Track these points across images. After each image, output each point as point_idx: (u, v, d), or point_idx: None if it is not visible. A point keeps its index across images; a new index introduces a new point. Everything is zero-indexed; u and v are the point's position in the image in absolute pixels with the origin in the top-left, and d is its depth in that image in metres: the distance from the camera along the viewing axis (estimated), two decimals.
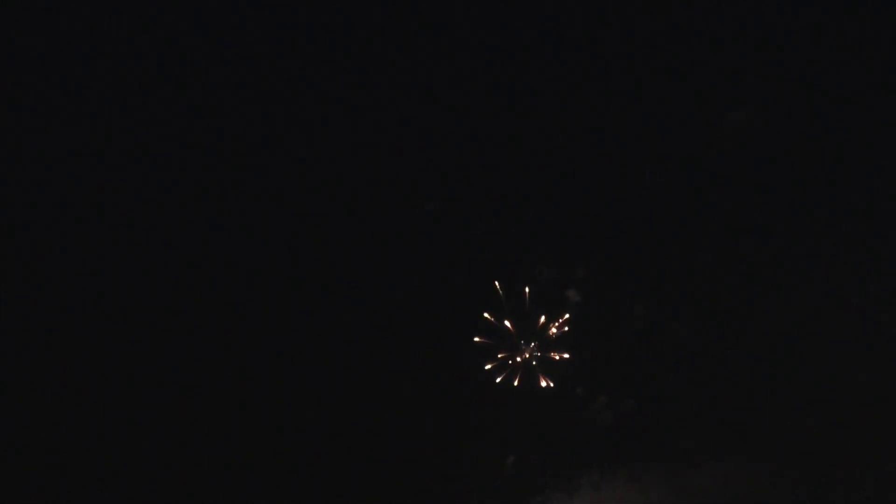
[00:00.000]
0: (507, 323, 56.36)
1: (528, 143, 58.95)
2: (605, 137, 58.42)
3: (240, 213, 56.68)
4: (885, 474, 53.11)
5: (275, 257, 56.53)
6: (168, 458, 54.03)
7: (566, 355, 56.71)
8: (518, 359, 58.04)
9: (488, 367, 56.54)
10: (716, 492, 52.05)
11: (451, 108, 58.25)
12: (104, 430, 54.70)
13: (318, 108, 58.41)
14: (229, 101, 57.95)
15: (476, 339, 56.74)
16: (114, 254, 57.02)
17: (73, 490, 53.60)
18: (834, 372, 55.40)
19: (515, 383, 55.90)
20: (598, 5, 58.19)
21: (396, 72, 58.52)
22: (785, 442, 54.09)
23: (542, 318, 56.90)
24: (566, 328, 56.76)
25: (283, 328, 55.82)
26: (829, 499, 52.56)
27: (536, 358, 57.72)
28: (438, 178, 57.42)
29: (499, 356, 57.65)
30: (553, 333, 56.99)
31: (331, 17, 58.77)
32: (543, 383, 55.55)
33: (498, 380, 56.08)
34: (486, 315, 56.63)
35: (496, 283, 56.80)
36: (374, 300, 56.69)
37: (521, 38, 59.22)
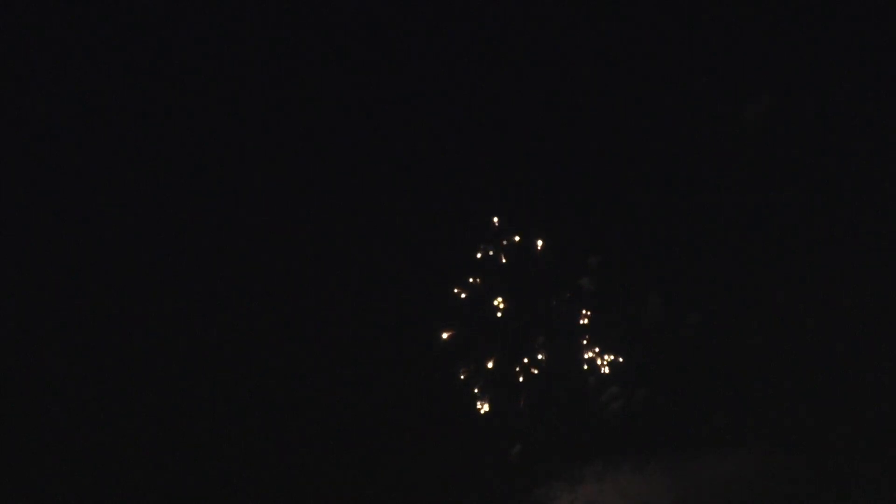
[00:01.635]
0: (498, 302, 40.01)
1: (541, 134, 58.88)
2: (620, 126, 58.19)
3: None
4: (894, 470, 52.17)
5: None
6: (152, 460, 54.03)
7: (614, 359, 41.63)
8: (519, 366, 40.84)
9: (464, 376, 40.30)
10: (722, 483, 51.34)
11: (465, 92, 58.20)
12: (101, 430, 54.89)
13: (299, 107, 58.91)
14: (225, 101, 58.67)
15: (445, 334, 40.04)
16: (113, 253, 57.58)
17: (72, 490, 53.71)
18: (848, 367, 54.68)
19: (521, 403, 42.23)
20: None
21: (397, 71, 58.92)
22: (792, 435, 53.43)
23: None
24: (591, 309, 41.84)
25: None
26: (836, 492, 51.66)
27: (554, 359, 41.09)
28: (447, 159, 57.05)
29: (488, 363, 40.79)
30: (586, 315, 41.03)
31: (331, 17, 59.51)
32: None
33: (484, 408, 40.07)
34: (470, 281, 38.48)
35: (494, 219, 41.09)
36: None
37: (531, 26, 59.38)
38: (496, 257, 45.27)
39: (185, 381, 53.38)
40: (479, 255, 44.53)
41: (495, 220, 45.32)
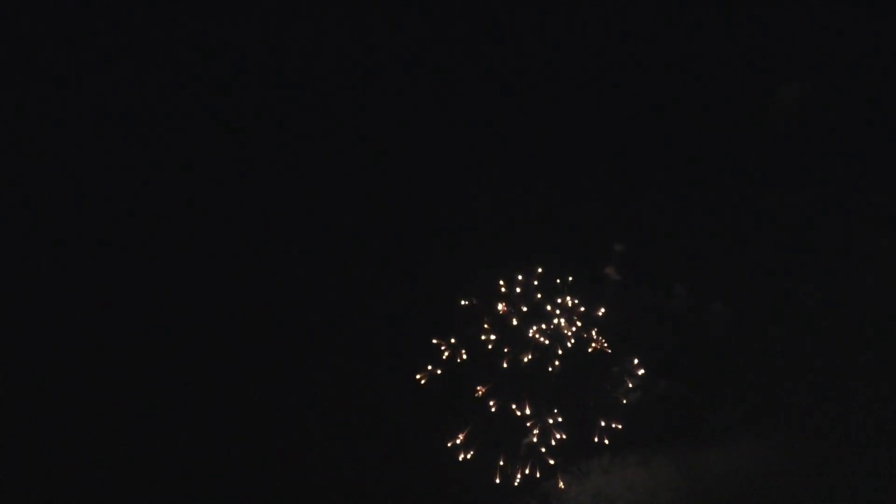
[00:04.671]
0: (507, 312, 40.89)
1: (573, 119, 59.22)
2: (653, 113, 58.62)
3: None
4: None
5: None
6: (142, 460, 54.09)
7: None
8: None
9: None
10: (726, 476, 51.82)
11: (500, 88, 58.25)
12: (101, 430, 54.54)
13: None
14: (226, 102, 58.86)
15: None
16: (113, 253, 57.30)
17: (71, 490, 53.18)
18: (862, 364, 54.45)
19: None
20: None
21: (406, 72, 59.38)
22: (796, 429, 53.29)
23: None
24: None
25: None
26: (843, 487, 52.06)
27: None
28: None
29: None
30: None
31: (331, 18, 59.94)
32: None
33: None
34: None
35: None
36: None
37: (564, 12, 59.72)
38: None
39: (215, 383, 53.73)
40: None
41: None
